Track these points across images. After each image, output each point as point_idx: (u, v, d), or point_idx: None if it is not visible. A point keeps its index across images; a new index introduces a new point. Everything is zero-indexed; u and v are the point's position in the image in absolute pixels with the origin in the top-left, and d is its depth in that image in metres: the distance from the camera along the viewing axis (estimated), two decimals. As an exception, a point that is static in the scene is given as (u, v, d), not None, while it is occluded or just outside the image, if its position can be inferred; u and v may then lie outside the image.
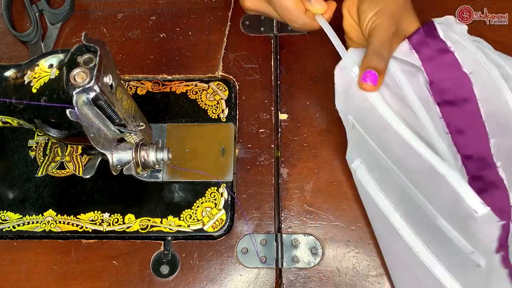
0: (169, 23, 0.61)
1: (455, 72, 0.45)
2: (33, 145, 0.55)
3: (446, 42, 0.46)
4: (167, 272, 0.49)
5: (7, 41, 0.61)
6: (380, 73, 0.44)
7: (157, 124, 0.54)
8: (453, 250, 0.41)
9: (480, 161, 0.43)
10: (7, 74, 0.43)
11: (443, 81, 0.45)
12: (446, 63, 0.45)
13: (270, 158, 0.53)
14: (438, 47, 0.46)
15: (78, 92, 0.38)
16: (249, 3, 0.49)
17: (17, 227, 0.51)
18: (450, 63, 0.45)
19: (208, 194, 0.51)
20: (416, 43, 0.46)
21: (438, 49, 0.46)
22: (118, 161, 0.45)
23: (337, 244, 0.49)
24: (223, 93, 0.56)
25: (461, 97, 0.45)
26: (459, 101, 0.45)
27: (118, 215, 0.51)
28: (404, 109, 0.45)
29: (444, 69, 0.45)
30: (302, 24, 0.47)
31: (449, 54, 0.45)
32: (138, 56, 0.59)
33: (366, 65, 0.44)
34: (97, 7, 0.62)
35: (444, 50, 0.45)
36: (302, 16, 0.47)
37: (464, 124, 0.44)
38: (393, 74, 0.46)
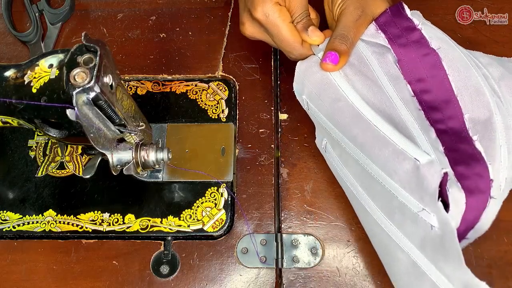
0: (169, 23, 0.61)
1: (423, 49, 0.45)
2: (33, 145, 0.55)
3: (414, 20, 0.46)
4: (167, 272, 0.49)
5: (7, 41, 0.61)
6: (341, 54, 0.45)
7: (157, 124, 0.54)
8: (408, 214, 0.40)
9: (456, 135, 0.42)
10: (7, 74, 0.43)
11: (412, 60, 0.45)
12: (413, 40, 0.45)
13: (270, 158, 0.53)
14: (405, 25, 0.46)
15: (78, 92, 0.38)
16: (249, 32, 0.49)
17: (17, 227, 0.51)
18: (418, 39, 0.45)
19: (208, 194, 0.51)
20: (382, 23, 0.46)
21: (405, 27, 0.46)
22: (118, 161, 0.45)
23: (337, 244, 0.49)
24: (223, 93, 0.56)
25: (431, 73, 0.45)
26: (430, 78, 0.44)
27: (118, 215, 0.51)
28: (367, 84, 0.46)
29: (412, 46, 0.45)
30: (299, 55, 0.48)
31: (416, 31, 0.45)
32: (138, 56, 0.59)
33: (329, 47, 0.45)
34: (97, 7, 0.62)
35: (411, 28, 0.46)
36: (299, 47, 0.47)
37: (437, 100, 0.44)
38: (362, 54, 0.47)
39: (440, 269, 0.38)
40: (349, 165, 0.46)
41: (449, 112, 0.43)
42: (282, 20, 0.46)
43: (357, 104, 0.44)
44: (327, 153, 0.50)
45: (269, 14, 0.46)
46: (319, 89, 0.46)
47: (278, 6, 0.46)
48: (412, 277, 0.41)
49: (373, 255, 0.49)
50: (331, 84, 0.46)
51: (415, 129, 0.43)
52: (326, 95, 0.46)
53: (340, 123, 0.45)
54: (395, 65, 0.45)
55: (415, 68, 0.45)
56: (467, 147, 0.41)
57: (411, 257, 0.40)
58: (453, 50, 0.45)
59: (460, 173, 0.40)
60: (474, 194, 0.39)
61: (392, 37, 0.46)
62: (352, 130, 0.44)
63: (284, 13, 0.46)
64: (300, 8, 0.47)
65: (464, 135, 0.42)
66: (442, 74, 0.44)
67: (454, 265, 0.37)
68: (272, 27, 0.46)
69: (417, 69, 0.45)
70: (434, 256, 0.38)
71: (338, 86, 0.45)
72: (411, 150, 0.40)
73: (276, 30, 0.46)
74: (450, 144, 0.42)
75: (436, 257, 0.38)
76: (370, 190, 0.44)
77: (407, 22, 0.46)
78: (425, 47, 0.45)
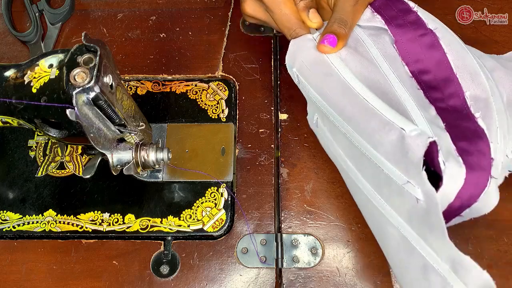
0: (169, 23, 0.61)
1: (420, 29, 0.44)
2: (33, 145, 0.55)
3: (409, 3, 0.46)
4: (167, 272, 0.49)
5: (7, 41, 0.61)
6: (339, 37, 0.44)
7: (157, 124, 0.54)
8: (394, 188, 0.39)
9: (457, 113, 0.42)
10: (7, 74, 0.43)
11: (409, 40, 0.45)
12: (410, 21, 0.45)
13: (270, 158, 0.53)
14: (401, 7, 0.46)
15: (78, 92, 0.38)
16: (249, 10, 0.49)
17: (17, 227, 0.51)
18: (414, 21, 0.45)
19: (208, 194, 0.51)
20: (378, 6, 0.46)
21: (401, 9, 0.45)
22: (118, 161, 0.45)
23: (337, 244, 0.49)
24: (223, 93, 0.56)
25: (429, 53, 0.44)
26: (428, 58, 0.44)
27: (118, 215, 0.51)
28: (362, 63, 0.45)
29: (409, 27, 0.45)
30: (298, 34, 0.47)
31: (412, 13, 0.45)
32: (138, 56, 0.59)
33: (327, 30, 0.45)
34: (97, 7, 0.62)
35: (407, 10, 0.45)
36: (300, 26, 0.47)
37: (436, 79, 0.44)
38: (358, 36, 0.46)
39: (428, 243, 0.37)
40: (339, 139, 0.46)
41: (449, 90, 0.42)
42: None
43: (348, 79, 0.43)
44: (318, 128, 0.49)
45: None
46: (311, 63, 0.46)
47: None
48: (403, 252, 0.40)
49: (373, 255, 0.49)
50: (324, 60, 0.45)
51: (410, 105, 0.42)
52: (318, 69, 0.45)
53: (329, 96, 0.44)
54: (392, 45, 0.45)
55: (413, 49, 0.44)
56: (469, 124, 0.40)
57: (400, 232, 0.40)
58: (449, 33, 0.45)
59: (462, 148, 0.39)
60: (475, 170, 0.38)
61: (388, 18, 0.45)
62: (341, 103, 0.43)
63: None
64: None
65: (466, 112, 0.41)
66: (441, 53, 0.44)
67: (439, 239, 0.36)
68: (272, 4, 0.46)
69: (414, 49, 0.44)
70: (421, 230, 0.38)
71: (331, 63, 0.45)
72: (398, 120, 0.39)
73: (277, 7, 0.46)
74: (451, 121, 0.41)
75: (423, 231, 0.37)
76: (359, 164, 0.44)
77: (403, 5, 0.46)
78: (422, 28, 0.44)
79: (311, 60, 0.46)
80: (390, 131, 0.39)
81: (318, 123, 0.49)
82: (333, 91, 0.44)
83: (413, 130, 0.38)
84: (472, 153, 0.38)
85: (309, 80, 0.46)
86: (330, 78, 0.44)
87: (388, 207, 0.41)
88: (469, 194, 0.39)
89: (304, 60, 0.46)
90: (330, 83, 0.44)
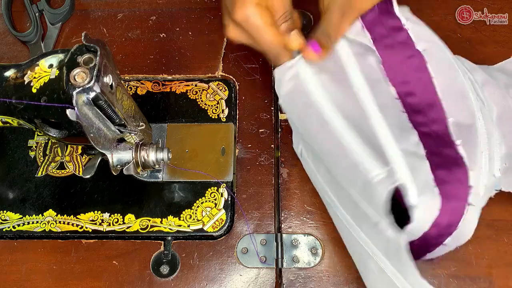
0: (169, 23, 0.61)
1: (408, 50, 0.44)
2: (33, 145, 0.55)
3: (401, 18, 0.45)
4: (167, 272, 0.49)
5: (7, 41, 0.61)
6: (323, 47, 0.45)
7: (157, 124, 0.54)
8: (370, 223, 0.41)
9: (439, 138, 0.42)
10: (7, 74, 0.43)
11: (397, 62, 0.44)
12: (399, 41, 0.44)
13: (270, 158, 0.53)
14: (392, 25, 0.45)
15: (78, 92, 0.38)
16: (232, 34, 0.47)
17: (17, 227, 0.51)
18: (404, 40, 0.44)
19: (208, 194, 0.51)
20: (369, 22, 0.45)
21: (392, 27, 0.45)
22: (118, 161, 0.45)
23: (337, 244, 0.49)
24: (223, 93, 0.56)
25: (416, 76, 0.44)
26: (414, 80, 0.44)
27: (118, 215, 0.51)
28: (341, 90, 0.45)
29: (397, 48, 0.44)
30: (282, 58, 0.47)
31: (403, 31, 0.44)
32: (138, 56, 0.59)
33: (312, 37, 0.45)
34: (97, 7, 0.62)
35: (398, 28, 0.45)
36: (283, 50, 0.46)
37: (421, 103, 0.43)
38: (340, 57, 0.46)
39: (405, 277, 0.39)
40: (321, 171, 0.47)
41: (433, 115, 0.43)
42: (264, 23, 0.43)
43: (326, 111, 0.44)
44: (302, 158, 0.50)
45: (249, 16, 0.43)
46: (293, 93, 0.46)
47: (259, 8, 0.43)
48: (384, 286, 0.41)
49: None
50: (304, 90, 0.46)
51: (386, 139, 0.41)
52: (299, 99, 0.46)
53: (309, 129, 0.45)
54: (377, 67, 0.44)
55: (400, 70, 0.44)
56: (450, 151, 0.41)
57: (380, 265, 0.41)
58: (440, 51, 0.44)
59: (440, 177, 0.39)
60: (451, 199, 0.39)
61: (377, 37, 0.45)
62: (320, 136, 0.44)
63: (265, 15, 0.43)
64: (283, 7, 0.45)
65: (447, 139, 0.42)
66: (427, 77, 0.43)
67: (412, 275, 0.38)
68: (253, 30, 0.44)
69: (401, 71, 0.44)
70: (397, 264, 0.39)
71: (310, 92, 0.45)
72: (368, 162, 0.40)
73: (258, 33, 0.44)
74: (433, 147, 0.41)
75: (398, 265, 0.39)
76: (340, 197, 0.45)
77: (394, 21, 0.45)
78: (410, 49, 0.44)
79: (292, 90, 0.46)
80: (360, 173, 0.40)
81: (303, 153, 0.50)
82: (312, 123, 0.45)
83: (378, 175, 0.39)
84: (449, 182, 0.39)
85: (292, 110, 0.47)
86: (309, 110, 0.45)
87: (368, 240, 0.42)
88: (446, 222, 0.40)
89: (287, 90, 0.47)
90: (310, 115, 0.45)
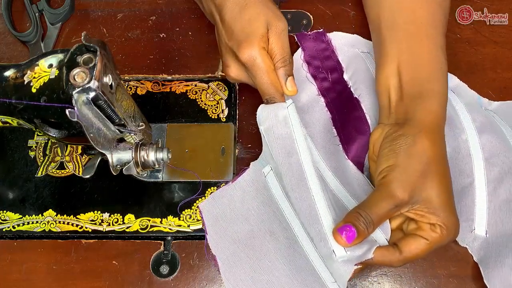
0: (169, 23, 0.61)
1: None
2: (33, 145, 0.55)
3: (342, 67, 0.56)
4: (167, 272, 0.49)
5: (7, 41, 0.61)
6: (359, 234, 0.40)
7: (157, 124, 0.54)
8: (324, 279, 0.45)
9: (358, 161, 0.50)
10: (7, 74, 0.43)
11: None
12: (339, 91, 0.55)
13: (270, 158, 0.53)
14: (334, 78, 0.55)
15: (78, 92, 0.38)
16: (234, 75, 0.49)
17: (17, 227, 0.51)
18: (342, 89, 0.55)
19: (208, 194, 0.51)
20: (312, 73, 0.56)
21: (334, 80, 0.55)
22: (118, 161, 0.45)
23: (337, 244, 0.49)
24: (223, 93, 0.56)
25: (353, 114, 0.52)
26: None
27: (118, 215, 0.51)
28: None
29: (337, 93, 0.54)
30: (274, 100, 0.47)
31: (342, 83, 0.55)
32: (138, 56, 0.59)
33: (348, 219, 0.41)
34: (97, 7, 0.62)
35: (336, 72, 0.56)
36: (279, 94, 0.47)
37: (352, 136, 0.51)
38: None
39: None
40: (291, 201, 0.48)
41: (359, 146, 0.50)
42: (268, 66, 0.46)
43: (306, 166, 0.45)
44: (267, 178, 0.50)
45: (256, 58, 0.45)
46: (277, 136, 0.47)
47: (264, 51, 0.46)
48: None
49: (373, 255, 0.49)
50: (289, 136, 0.46)
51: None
52: (282, 144, 0.47)
53: (286, 178, 0.46)
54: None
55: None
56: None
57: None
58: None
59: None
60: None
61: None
62: (294, 192, 0.46)
63: (268, 59, 0.46)
64: (282, 51, 0.46)
65: (362, 162, 0.50)
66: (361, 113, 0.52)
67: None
68: (256, 72, 0.46)
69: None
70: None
71: (295, 140, 0.46)
72: (332, 240, 0.42)
73: (259, 76, 0.46)
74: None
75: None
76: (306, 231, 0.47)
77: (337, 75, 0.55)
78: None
79: (277, 133, 0.47)
80: (324, 247, 0.43)
81: (269, 176, 0.50)
82: (290, 175, 0.46)
83: (341, 257, 0.41)
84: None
85: (273, 149, 0.47)
86: (290, 159, 0.46)
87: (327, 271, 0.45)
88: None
89: (273, 127, 0.47)
90: (290, 165, 0.46)
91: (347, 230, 0.40)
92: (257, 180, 0.50)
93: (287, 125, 0.47)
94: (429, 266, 0.48)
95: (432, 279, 0.48)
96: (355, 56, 0.55)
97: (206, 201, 0.51)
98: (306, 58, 0.55)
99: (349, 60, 0.55)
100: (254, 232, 0.49)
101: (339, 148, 0.51)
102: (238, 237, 0.48)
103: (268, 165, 0.50)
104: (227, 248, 0.48)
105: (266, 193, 0.50)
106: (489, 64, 0.56)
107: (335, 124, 0.52)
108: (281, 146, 0.46)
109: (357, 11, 0.59)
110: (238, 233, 0.49)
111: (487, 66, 0.51)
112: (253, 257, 0.47)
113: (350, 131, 0.51)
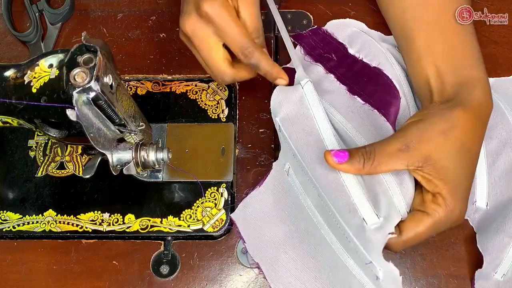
0: (169, 23, 0.61)
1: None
2: (33, 145, 0.55)
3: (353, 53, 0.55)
4: (167, 272, 0.49)
5: (7, 41, 0.61)
6: (351, 157, 0.40)
7: (157, 124, 0.54)
8: (358, 260, 0.42)
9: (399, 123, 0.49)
10: (7, 74, 0.43)
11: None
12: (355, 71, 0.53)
13: (270, 158, 0.53)
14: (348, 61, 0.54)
15: (78, 92, 0.38)
16: (189, 25, 0.45)
17: (17, 227, 0.51)
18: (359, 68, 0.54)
19: (208, 194, 0.51)
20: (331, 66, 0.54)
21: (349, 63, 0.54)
22: (118, 161, 0.45)
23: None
24: (223, 93, 0.56)
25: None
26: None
27: (118, 215, 0.51)
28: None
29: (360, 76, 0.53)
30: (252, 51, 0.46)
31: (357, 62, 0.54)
32: (138, 56, 0.59)
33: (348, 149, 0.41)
34: (97, 7, 0.62)
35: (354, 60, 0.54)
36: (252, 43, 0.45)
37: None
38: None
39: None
40: (311, 195, 0.47)
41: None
42: (235, 17, 0.44)
43: (327, 142, 0.44)
44: (289, 177, 0.49)
45: (222, 7, 0.43)
46: (294, 117, 0.46)
47: (228, 3, 0.44)
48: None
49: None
50: (308, 115, 0.46)
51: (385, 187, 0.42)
52: (300, 125, 0.46)
53: (306, 158, 0.45)
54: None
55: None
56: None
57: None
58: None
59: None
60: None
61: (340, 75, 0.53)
62: (316, 169, 0.44)
63: (235, 12, 0.44)
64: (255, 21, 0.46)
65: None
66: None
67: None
68: (225, 22, 0.43)
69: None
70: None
71: (314, 117, 0.45)
72: (362, 208, 0.40)
73: (231, 26, 0.44)
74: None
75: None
76: (330, 223, 0.45)
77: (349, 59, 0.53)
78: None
79: (294, 114, 0.46)
80: (354, 217, 0.41)
81: (290, 173, 0.49)
82: (311, 154, 0.44)
83: (373, 224, 0.39)
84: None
85: (290, 135, 0.46)
86: (309, 138, 0.45)
87: (357, 268, 0.43)
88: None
89: (289, 112, 0.46)
90: (309, 144, 0.45)
91: (340, 152, 0.40)
92: (282, 179, 0.50)
93: (304, 105, 0.46)
94: (429, 266, 0.48)
95: (432, 279, 0.48)
96: (354, 33, 0.55)
97: (238, 210, 0.50)
98: (307, 51, 0.55)
99: (350, 37, 0.55)
100: (292, 231, 0.48)
101: (374, 112, 0.48)
102: (277, 240, 0.48)
103: (287, 163, 0.50)
104: (268, 252, 0.47)
105: (293, 190, 0.49)
106: (489, 64, 0.56)
107: (357, 93, 0.50)
108: (299, 127, 0.45)
109: (357, 11, 0.59)
110: (276, 236, 0.48)
111: (487, 66, 0.51)
112: (296, 257, 0.47)
113: (383, 96, 0.49)
